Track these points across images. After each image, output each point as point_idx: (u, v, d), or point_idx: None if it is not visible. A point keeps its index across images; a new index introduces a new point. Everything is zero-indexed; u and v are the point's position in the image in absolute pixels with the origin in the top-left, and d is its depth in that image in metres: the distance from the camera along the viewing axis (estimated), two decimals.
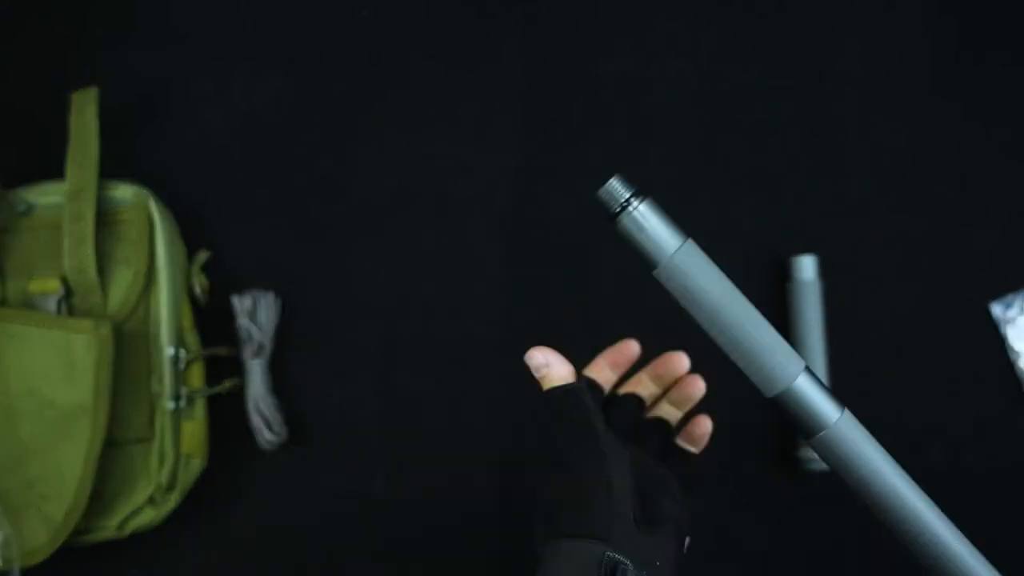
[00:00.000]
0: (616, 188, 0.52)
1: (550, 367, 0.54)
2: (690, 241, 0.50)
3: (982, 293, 0.88)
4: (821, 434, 0.53)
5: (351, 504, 0.89)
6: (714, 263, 0.51)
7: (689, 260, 0.50)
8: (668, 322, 0.91)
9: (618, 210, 0.51)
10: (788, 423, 0.51)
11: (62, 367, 0.79)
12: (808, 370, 0.51)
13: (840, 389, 0.89)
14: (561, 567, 0.46)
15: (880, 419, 0.89)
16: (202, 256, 0.89)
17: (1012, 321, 0.86)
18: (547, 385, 0.54)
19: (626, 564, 0.45)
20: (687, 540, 0.55)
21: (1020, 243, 0.88)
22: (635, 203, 0.51)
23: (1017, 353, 0.86)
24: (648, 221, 0.50)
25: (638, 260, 0.52)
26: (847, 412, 0.51)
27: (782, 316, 0.87)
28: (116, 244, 0.84)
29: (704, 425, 0.64)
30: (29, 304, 0.83)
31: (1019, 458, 0.86)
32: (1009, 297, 0.87)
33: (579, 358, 0.58)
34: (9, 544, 0.79)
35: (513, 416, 0.89)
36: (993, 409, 0.87)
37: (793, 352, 0.52)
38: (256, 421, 0.87)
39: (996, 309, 0.87)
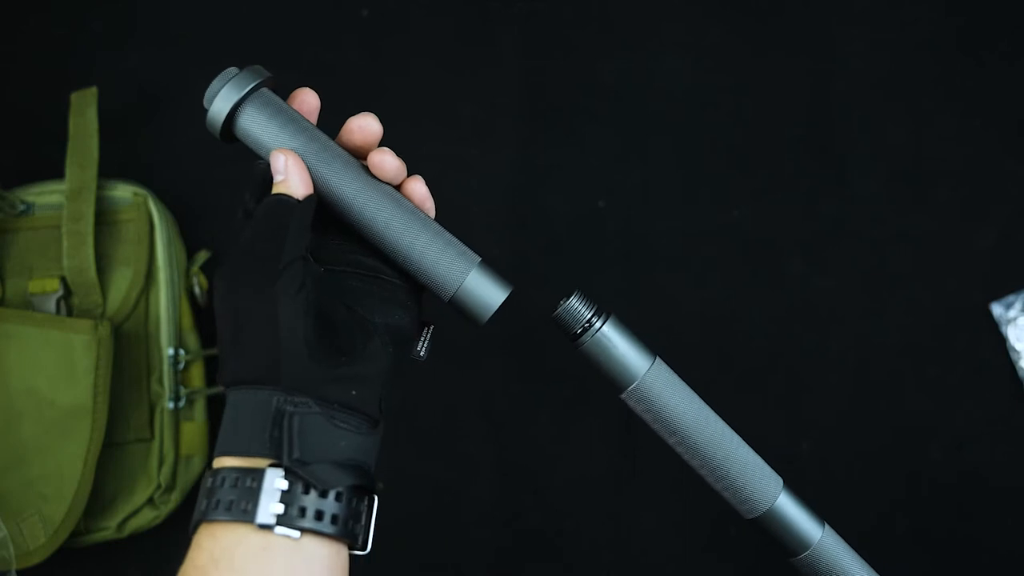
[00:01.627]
0: (576, 308, 0.47)
1: (288, 178, 0.49)
2: (659, 360, 0.47)
3: (982, 293, 0.88)
4: (805, 554, 0.49)
5: None
6: (684, 381, 0.47)
7: (659, 382, 0.46)
8: (668, 322, 0.91)
9: (579, 331, 0.47)
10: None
11: (62, 367, 0.79)
12: (787, 488, 0.49)
13: (840, 389, 0.89)
14: (237, 420, 0.44)
15: (880, 419, 0.89)
16: (202, 256, 0.89)
17: (1012, 321, 0.86)
18: (274, 190, 0.49)
19: (305, 404, 0.42)
20: (428, 329, 0.51)
21: (1020, 243, 0.88)
22: (597, 323, 0.46)
23: (1017, 353, 0.86)
24: (613, 343, 0.46)
25: (638, 260, 0.51)
26: (828, 528, 0.49)
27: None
28: (116, 244, 0.84)
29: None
30: (29, 304, 0.83)
31: (1019, 458, 0.86)
32: (1009, 297, 0.87)
33: (579, 356, 0.58)
34: (6, 544, 0.79)
35: (512, 415, 0.89)
36: (993, 409, 0.87)
37: (771, 471, 0.48)
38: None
39: (996, 309, 0.87)
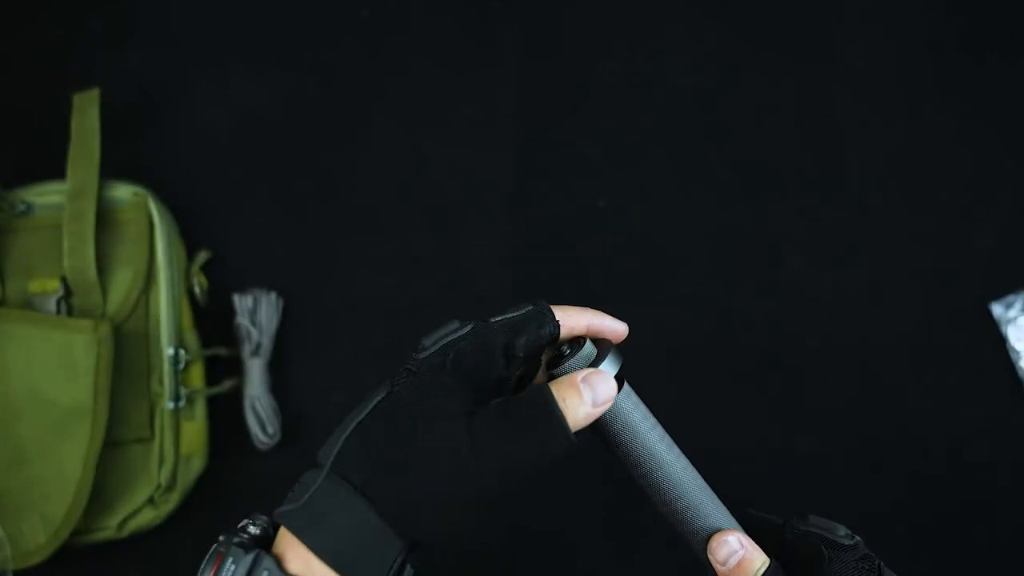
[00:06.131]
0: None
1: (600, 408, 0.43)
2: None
3: (982, 293, 0.88)
4: None
5: None
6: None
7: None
8: (669, 321, 0.91)
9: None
10: None
11: (62, 367, 0.79)
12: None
13: (840, 389, 0.89)
14: (355, 541, 0.41)
15: (880, 419, 0.89)
16: (202, 256, 0.89)
17: (1012, 321, 0.86)
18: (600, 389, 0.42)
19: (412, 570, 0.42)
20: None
21: (1020, 243, 0.88)
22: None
23: (1017, 353, 0.86)
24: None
25: (638, 260, 0.51)
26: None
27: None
28: (116, 244, 0.84)
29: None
30: (29, 304, 0.83)
31: (1019, 458, 0.86)
32: (1009, 297, 0.87)
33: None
34: (3, 545, 0.79)
35: None
36: (993, 409, 0.87)
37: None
38: (251, 421, 0.87)
39: (996, 309, 0.87)
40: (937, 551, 0.86)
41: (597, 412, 0.43)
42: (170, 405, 0.84)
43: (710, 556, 0.47)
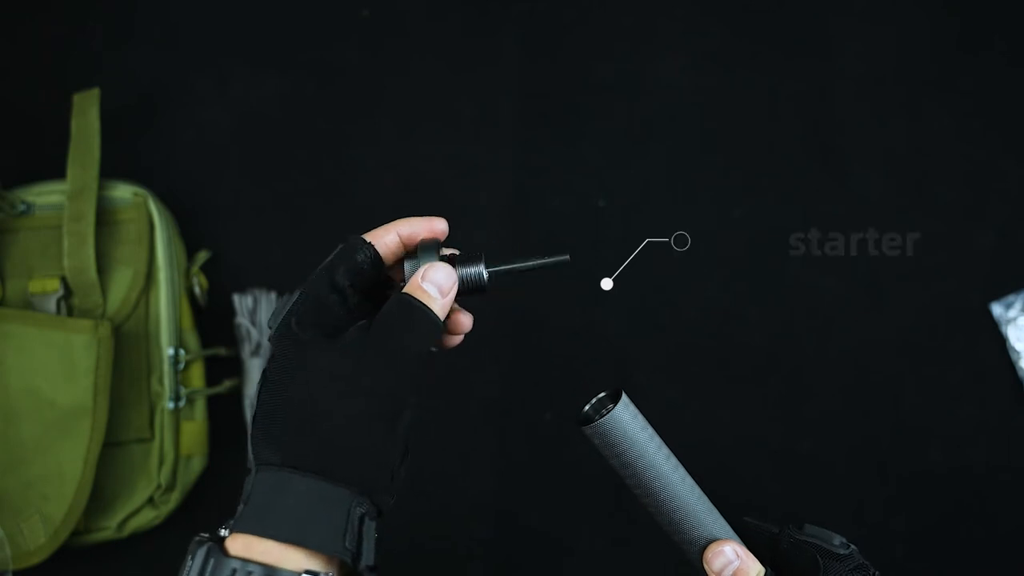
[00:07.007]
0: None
1: (441, 314, 0.46)
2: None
3: (982, 293, 0.88)
4: None
5: None
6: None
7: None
8: (669, 321, 0.91)
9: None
10: None
11: (62, 367, 0.79)
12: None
13: (840, 389, 0.89)
14: (296, 508, 0.42)
15: (880, 419, 0.89)
16: (202, 256, 0.89)
17: (1012, 321, 0.86)
18: (413, 293, 0.45)
19: (373, 510, 0.43)
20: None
21: (1020, 243, 0.88)
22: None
23: (1017, 353, 0.86)
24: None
25: (638, 260, 0.51)
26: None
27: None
28: (116, 244, 0.84)
29: (465, 323, 0.51)
30: (29, 304, 0.83)
31: (1019, 458, 0.86)
32: (1009, 297, 0.87)
33: (580, 354, 0.58)
34: (3, 544, 0.79)
35: (511, 414, 0.89)
36: (993, 409, 0.87)
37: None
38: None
39: (996, 309, 0.87)
40: (937, 551, 0.86)
41: (447, 300, 0.47)
42: (170, 405, 0.84)
43: (706, 566, 0.47)
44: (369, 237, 0.50)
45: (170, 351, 0.84)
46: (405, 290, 0.47)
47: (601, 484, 0.87)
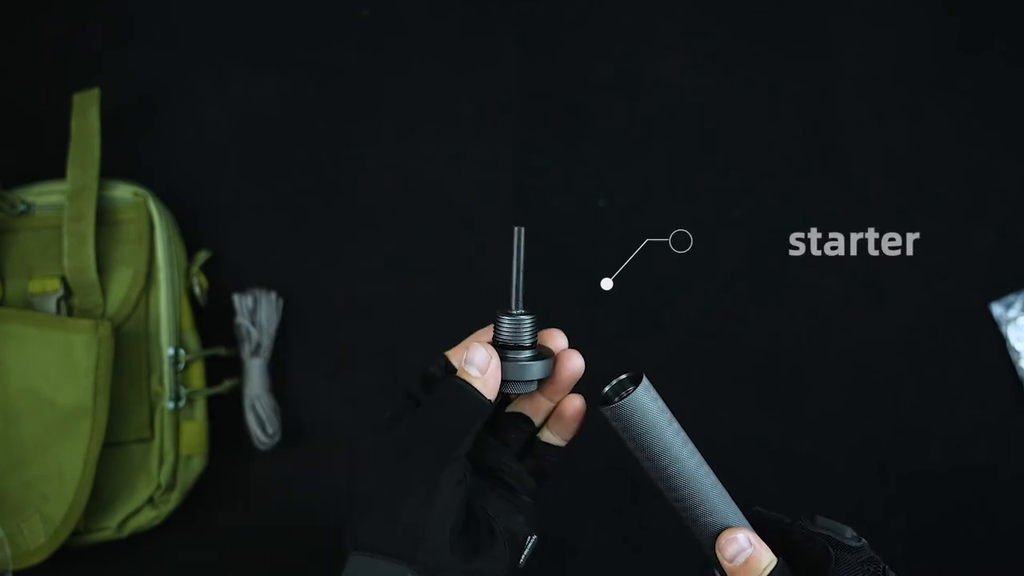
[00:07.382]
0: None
1: (486, 378, 0.49)
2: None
3: (982, 293, 0.88)
4: None
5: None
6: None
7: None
8: (669, 321, 0.91)
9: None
10: None
11: (62, 367, 0.79)
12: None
13: (840, 389, 0.89)
14: None
15: (880, 419, 0.89)
16: (202, 256, 0.89)
17: (1012, 321, 0.86)
18: (460, 375, 0.50)
19: None
20: (532, 540, 0.52)
21: (1020, 243, 0.88)
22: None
23: (1017, 353, 0.86)
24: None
25: (638, 260, 0.51)
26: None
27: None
28: (116, 244, 0.84)
29: (574, 403, 0.53)
30: (29, 304, 0.83)
31: (1019, 457, 0.86)
32: (1009, 297, 0.87)
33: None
34: (3, 544, 0.79)
35: None
36: (993, 409, 0.87)
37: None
38: (251, 421, 0.87)
39: (996, 309, 0.87)
40: (937, 551, 0.86)
41: (489, 375, 0.49)
42: (170, 405, 0.84)
43: (718, 553, 0.47)
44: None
45: (170, 351, 0.84)
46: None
47: (606, 483, 0.87)
